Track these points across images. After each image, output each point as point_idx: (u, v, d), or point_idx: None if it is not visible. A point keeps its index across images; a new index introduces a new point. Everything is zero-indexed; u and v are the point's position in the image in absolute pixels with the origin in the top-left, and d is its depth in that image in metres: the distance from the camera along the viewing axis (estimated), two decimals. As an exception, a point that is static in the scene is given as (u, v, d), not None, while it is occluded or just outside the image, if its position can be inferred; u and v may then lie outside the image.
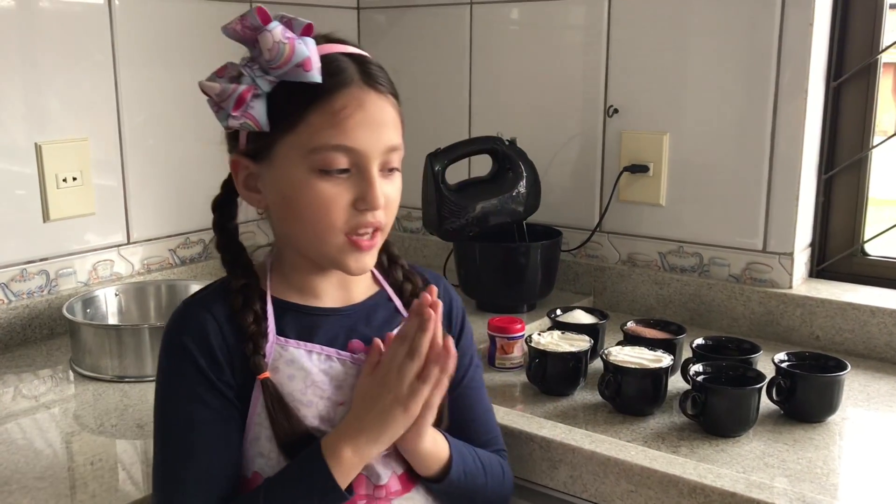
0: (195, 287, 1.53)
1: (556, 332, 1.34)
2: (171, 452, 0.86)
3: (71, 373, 1.34)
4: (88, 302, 1.44)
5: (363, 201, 0.84)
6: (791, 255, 1.53)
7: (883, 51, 1.51)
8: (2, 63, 1.41)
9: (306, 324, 0.90)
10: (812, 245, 1.61)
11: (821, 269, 1.61)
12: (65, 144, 1.50)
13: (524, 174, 1.61)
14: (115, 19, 1.55)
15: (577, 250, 1.76)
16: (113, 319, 1.47)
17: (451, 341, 0.87)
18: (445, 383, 0.87)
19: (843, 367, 1.20)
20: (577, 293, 1.75)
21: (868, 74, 1.53)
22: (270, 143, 0.85)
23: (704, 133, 1.58)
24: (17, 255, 1.46)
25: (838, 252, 1.60)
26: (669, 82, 1.61)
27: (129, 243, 1.63)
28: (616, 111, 1.68)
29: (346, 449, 0.84)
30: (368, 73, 0.85)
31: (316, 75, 0.82)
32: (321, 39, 0.87)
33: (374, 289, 0.98)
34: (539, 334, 1.32)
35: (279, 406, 0.86)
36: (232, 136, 0.90)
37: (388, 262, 0.99)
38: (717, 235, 1.60)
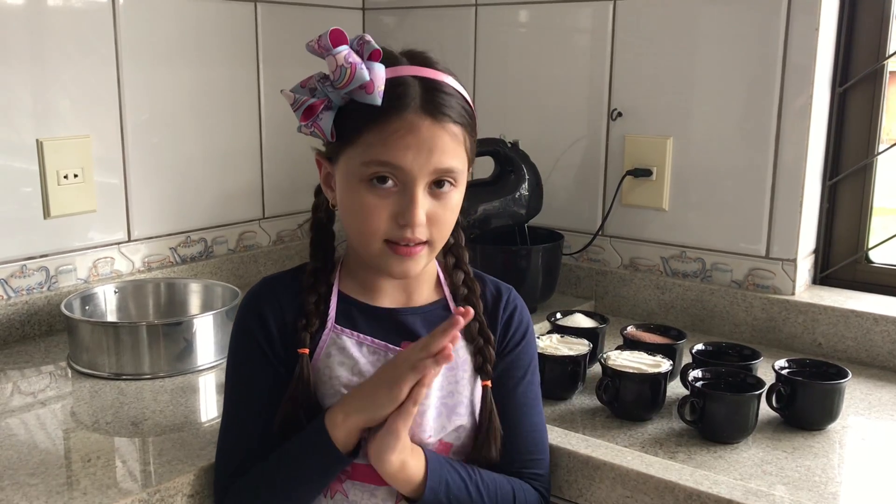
0: (195, 285, 1.54)
1: (556, 336, 1.34)
2: (227, 406, 0.99)
3: (69, 370, 1.33)
4: (87, 299, 1.43)
5: (402, 216, 0.89)
6: (794, 261, 1.52)
7: (889, 57, 1.50)
8: (6, 59, 1.41)
9: (364, 319, 0.98)
10: (816, 252, 1.60)
11: (824, 275, 1.60)
12: (67, 141, 1.50)
13: (526, 177, 1.61)
14: (118, 17, 1.55)
15: (579, 254, 1.75)
16: (112, 317, 1.47)
17: (449, 347, 0.86)
18: (428, 378, 0.87)
19: (844, 375, 1.19)
20: (579, 297, 1.74)
21: (874, 80, 1.51)
22: (337, 150, 0.93)
23: (708, 138, 1.58)
24: (17, 251, 1.46)
25: (842, 259, 1.58)
26: (674, 86, 1.60)
27: (129, 241, 1.63)
28: (620, 115, 1.67)
29: (339, 413, 0.90)
30: (431, 101, 0.89)
31: (376, 98, 0.88)
32: (410, 58, 0.93)
33: (435, 296, 1.02)
34: (538, 338, 1.31)
35: (304, 385, 0.93)
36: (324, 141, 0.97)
37: (452, 268, 1.02)
38: (719, 241, 1.59)
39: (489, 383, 0.98)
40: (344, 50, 0.88)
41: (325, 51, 0.88)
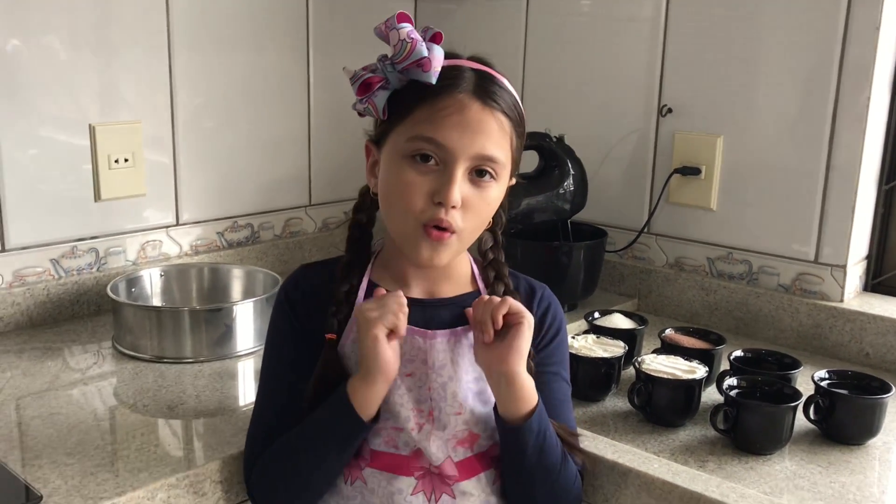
0: (237, 271, 1.57)
1: (591, 336, 1.32)
2: (260, 388, 1.03)
3: (113, 350, 1.37)
4: (133, 282, 1.47)
5: (438, 194, 0.90)
6: (844, 267, 1.47)
7: (954, 58, 1.44)
8: (61, 45, 1.45)
9: None
10: (868, 258, 1.55)
11: (876, 283, 1.55)
12: (118, 126, 1.53)
13: (571, 172, 1.59)
14: (170, 2, 1.57)
15: (624, 251, 1.73)
16: (156, 300, 1.50)
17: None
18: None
19: (888, 389, 1.16)
20: (622, 295, 1.72)
21: (937, 82, 1.46)
22: (387, 130, 0.94)
23: (760, 137, 1.54)
24: (68, 232, 1.51)
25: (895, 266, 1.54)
26: (725, 83, 1.56)
27: (178, 225, 1.66)
28: (670, 111, 1.64)
29: (356, 379, 0.92)
30: (483, 88, 0.92)
31: (431, 76, 0.90)
32: (470, 58, 0.96)
33: (467, 289, 1.03)
34: (573, 337, 1.30)
35: (332, 367, 0.95)
36: (375, 125, 0.99)
37: (485, 263, 1.03)
38: (768, 243, 1.55)
39: None
40: (407, 27, 0.91)
41: (390, 28, 0.91)
